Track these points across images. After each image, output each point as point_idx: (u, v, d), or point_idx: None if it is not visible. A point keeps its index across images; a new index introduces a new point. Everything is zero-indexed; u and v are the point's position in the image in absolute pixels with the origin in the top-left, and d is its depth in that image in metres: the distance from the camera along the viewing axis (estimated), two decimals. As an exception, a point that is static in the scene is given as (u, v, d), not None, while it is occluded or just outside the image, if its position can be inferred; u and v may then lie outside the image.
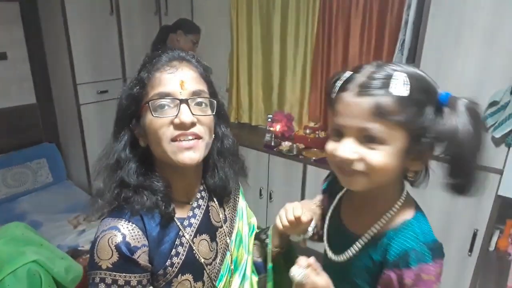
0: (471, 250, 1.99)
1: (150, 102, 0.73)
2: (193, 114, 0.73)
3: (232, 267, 0.90)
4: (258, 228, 1.06)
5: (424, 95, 0.62)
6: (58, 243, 2.21)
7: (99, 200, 0.76)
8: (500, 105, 1.72)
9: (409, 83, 0.60)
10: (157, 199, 0.76)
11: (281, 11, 2.84)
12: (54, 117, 3.10)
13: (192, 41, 2.54)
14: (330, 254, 0.80)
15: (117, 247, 0.69)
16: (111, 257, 0.69)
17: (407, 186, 0.74)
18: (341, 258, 0.76)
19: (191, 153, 0.74)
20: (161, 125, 0.73)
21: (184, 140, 0.73)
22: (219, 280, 0.86)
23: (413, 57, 2.04)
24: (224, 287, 0.87)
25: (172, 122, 0.73)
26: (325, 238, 0.84)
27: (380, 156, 0.62)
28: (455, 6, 1.78)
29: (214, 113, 0.79)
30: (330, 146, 0.68)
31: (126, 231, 0.71)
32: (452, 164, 0.63)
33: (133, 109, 0.77)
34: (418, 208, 0.74)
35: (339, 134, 0.66)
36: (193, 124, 0.74)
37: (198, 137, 0.75)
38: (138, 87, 0.76)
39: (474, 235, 1.96)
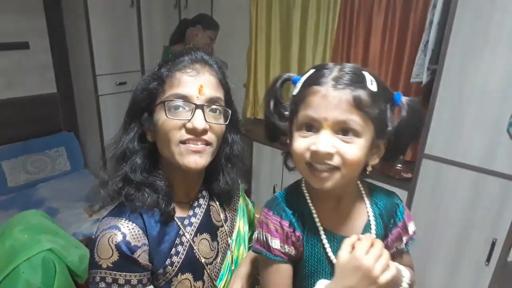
0: (488, 259, 1.92)
1: (166, 102, 0.73)
2: (206, 121, 0.73)
3: (233, 267, 0.89)
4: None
5: (387, 93, 0.67)
6: (74, 231, 2.26)
7: (101, 191, 0.76)
8: (526, 112, 1.65)
9: (375, 81, 0.65)
10: (158, 197, 0.76)
11: (301, 7, 2.79)
12: (73, 107, 3.15)
13: (210, 37, 2.54)
14: None
15: (118, 246, 0.69)
16: (111, 256, 0.69)
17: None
18: None
19: (197, 157, 0.74)
20: (173, 127, 0.73)
21: (192, 143, 0.73)
22: (220, 279, 0.86)
23: (437, 59, 1.97)
24: (224, 286, 0.87)
25: (184, 125, 0.73)
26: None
27: (355, 149, 0.63)
28: (483, 8, 1.70)
29: (227, 123, 0.79)
30: (303, 142, 0.65)
31: (126, 230, 0.71)
32: (394, 145, 0.70)
33: (147, 103, 0.77)
34: None
35: (309, 128, 0.65)
36: (204, 131, 0.73)
37: (207, 143, 0.75)
38: (156, 83, 0.76)
39: (493, 245, 1.89)
